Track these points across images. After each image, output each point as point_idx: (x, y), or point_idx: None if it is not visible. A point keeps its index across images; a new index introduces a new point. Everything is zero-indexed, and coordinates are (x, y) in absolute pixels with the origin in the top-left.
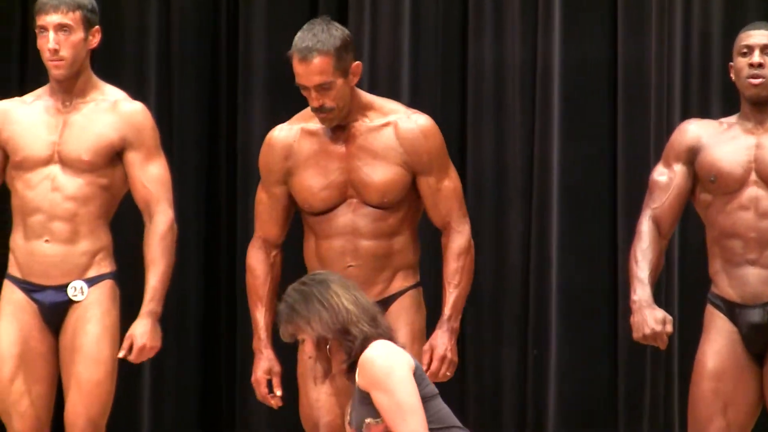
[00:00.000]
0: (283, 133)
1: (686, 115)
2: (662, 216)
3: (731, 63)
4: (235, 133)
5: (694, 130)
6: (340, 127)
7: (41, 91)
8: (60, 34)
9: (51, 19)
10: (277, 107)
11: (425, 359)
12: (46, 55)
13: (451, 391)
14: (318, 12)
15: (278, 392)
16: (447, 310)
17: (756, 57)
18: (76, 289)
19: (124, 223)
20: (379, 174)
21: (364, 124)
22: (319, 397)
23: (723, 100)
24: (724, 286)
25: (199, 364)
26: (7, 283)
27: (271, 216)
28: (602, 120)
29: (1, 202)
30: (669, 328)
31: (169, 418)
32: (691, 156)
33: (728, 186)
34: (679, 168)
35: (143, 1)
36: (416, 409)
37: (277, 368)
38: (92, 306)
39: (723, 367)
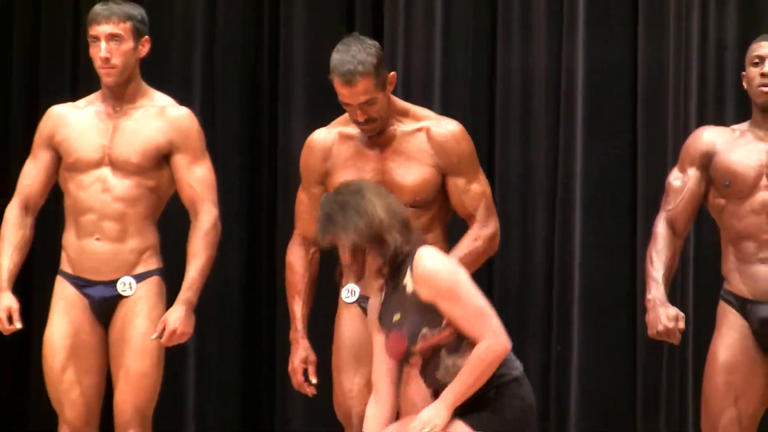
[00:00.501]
0: (322, 136)
1: (702, 118)
2: (676, 218)
3: (744, 72)
4: (275, 135)
5: (708, 136)
6: (378, 141)
7: (93, 97)
8: (111, 44)
9: (103, 29)
10: (315, 111)
11: None
12: (97, 63)
13: None
14: (355, 21)
15: (313, 380)
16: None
17: (767, 67)
18: (125, 285)
19: (170, 225)
20: (412, 175)
21: (398, 128)
22: (352, 387)
23: (738, 105)
24: (736, 282)
25: (240, 362)
26: (59, 279)
27: (310, 215)
28: (623, 122)
29: (54, 202)
30: (681, 324)
31: (211, 410)
32: (706, 161)
33: (741, 191)
34: (693, 172)
35: (190, 9)
36: (489, 308)
37: (312, 357)
38: (140, 301)
39: (735, 361)
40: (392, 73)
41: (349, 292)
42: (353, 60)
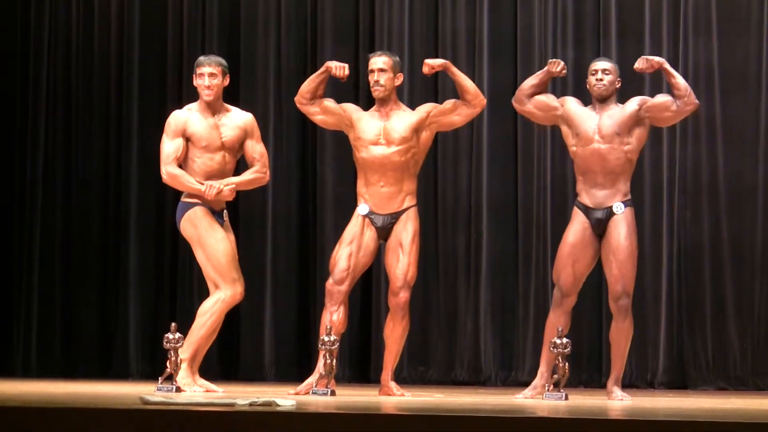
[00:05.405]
0: (359, 109)
1: None
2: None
3: (587, 78)
4: (315, 127)
5: (572, 102)
6: (383, 109)
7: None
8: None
9: (206, 69)
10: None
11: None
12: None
13: (431, 253)
14: (359, 56)
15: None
16: None
17: (599, 75)
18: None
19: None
20: (400, 129)
21: (393, 110)
22: (341, 254)
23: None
24: (584, 197)
25: (296, 239)
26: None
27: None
28: (508, 112)
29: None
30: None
31: (279, 267)
32: (566, 119)
33: (583, 143)
34: (561, 101)
35: (266, 55)
36: None
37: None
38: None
39: (576, 241)
40: (401, 74)
41: (363, 208)
42: (384, 53)
